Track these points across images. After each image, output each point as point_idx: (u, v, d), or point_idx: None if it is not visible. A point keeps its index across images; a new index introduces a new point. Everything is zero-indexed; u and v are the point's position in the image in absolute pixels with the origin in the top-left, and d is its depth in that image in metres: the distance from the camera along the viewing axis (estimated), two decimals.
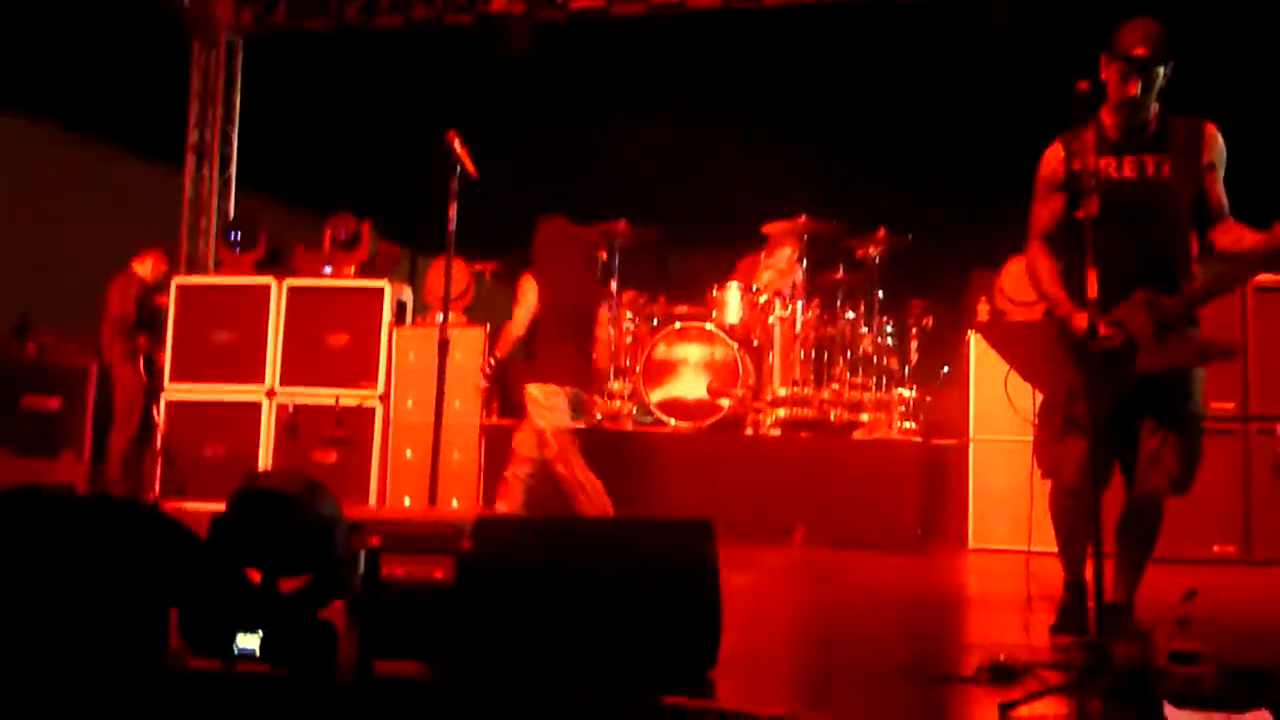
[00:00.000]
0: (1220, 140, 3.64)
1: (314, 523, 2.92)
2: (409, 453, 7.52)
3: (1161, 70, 3.57)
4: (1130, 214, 3.49)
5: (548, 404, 5.82)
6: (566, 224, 6.17)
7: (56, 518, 3.00)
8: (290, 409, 7.62)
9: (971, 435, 6.86)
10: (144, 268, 8.26)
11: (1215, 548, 6.25)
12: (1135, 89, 3.53)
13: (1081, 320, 3.32)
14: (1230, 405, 6.35)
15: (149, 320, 8.04)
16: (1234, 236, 3.54)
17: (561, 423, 5.84)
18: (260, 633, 2.80)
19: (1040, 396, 3.85)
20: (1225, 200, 3.62)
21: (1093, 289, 3.22)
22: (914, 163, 9.90)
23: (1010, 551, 6.28)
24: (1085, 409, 3.34)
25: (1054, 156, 3.71)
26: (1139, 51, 3.52)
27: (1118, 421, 3.47)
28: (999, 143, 4.10)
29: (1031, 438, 3.82)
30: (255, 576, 2.90)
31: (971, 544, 6.72)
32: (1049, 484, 3.76)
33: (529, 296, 5.90)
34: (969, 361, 6.94)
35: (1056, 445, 3.63)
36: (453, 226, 5.33)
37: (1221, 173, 3.64)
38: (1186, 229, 3.62)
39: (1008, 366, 3.79)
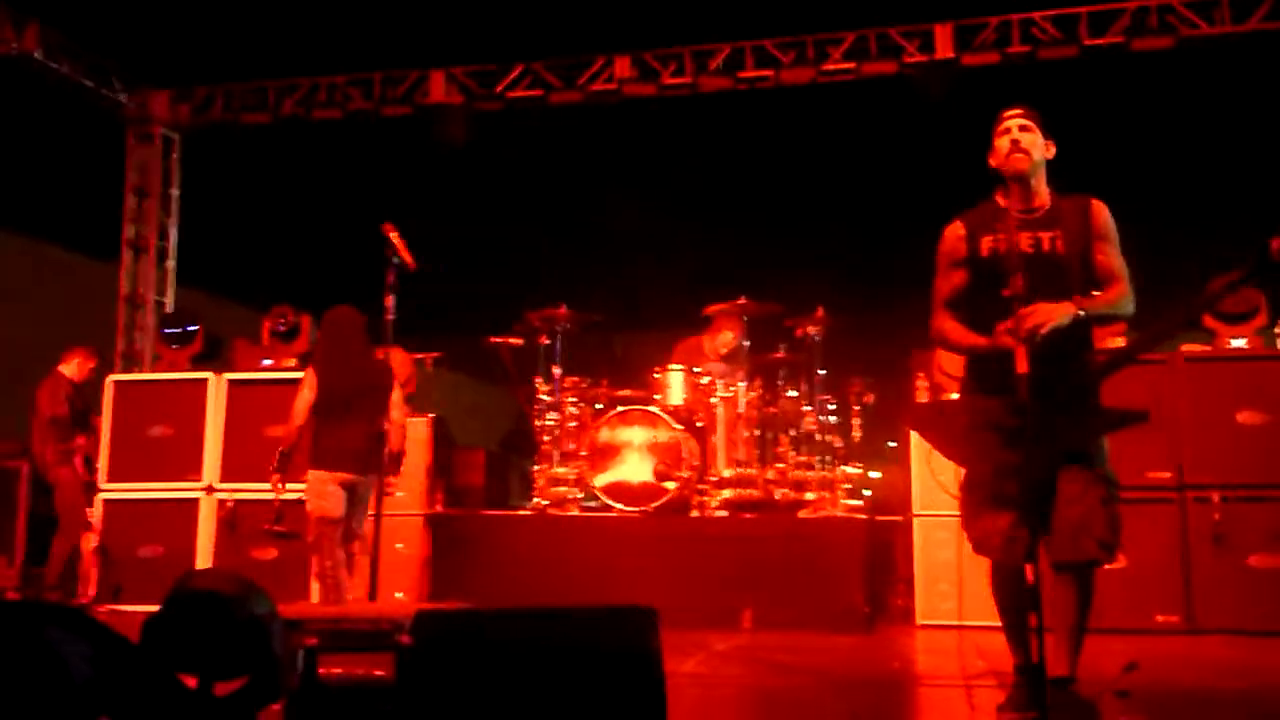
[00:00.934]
0: (1106, 214, 3.80)
1: (249, 623, 2.85)
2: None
3: (1041, 144, 3.78)
4: (1031, 287, 3.59)
5: (318, 490, 5.92)
6: (348, 313, 6.25)
7: None
8: (229, 505, 7.50)
9: (915, 511, 6.89)
10: (70, 368, 8.07)
11: (1158, 617, 6.29)
12: (1022, 164, 3.72)
13: (1008, 339, 3.47)
14: (1166, 475, 6.45)
15: (82, 419, 7.88)
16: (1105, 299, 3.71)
17: (328, 511, 5.91)
18: None
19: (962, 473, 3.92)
20: (1114, 267, 3.75)
21: (1022, 363, 3.34)
22: (851, 242, 10.10)
23: (957, 627, 6.30)
24: (1011, 485, 3.43)
25: (954, 234, 3.89)
26: (1017, 120, 3.77)
27: (1033, 496, 3.52)
28: (935, 220, 4.18)
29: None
30: (190, 681, 2.82)
31: (919, 620, 6.72)
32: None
33: (306, 387, 6.03)
34: (910, 438, 6.99)
35: (981, 521, 3.70)
36: (391, 317, 5.33)
37: (1111, 244, 3.78)
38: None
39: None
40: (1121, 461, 5.89)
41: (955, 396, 6.73)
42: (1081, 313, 3.58)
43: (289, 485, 6.79)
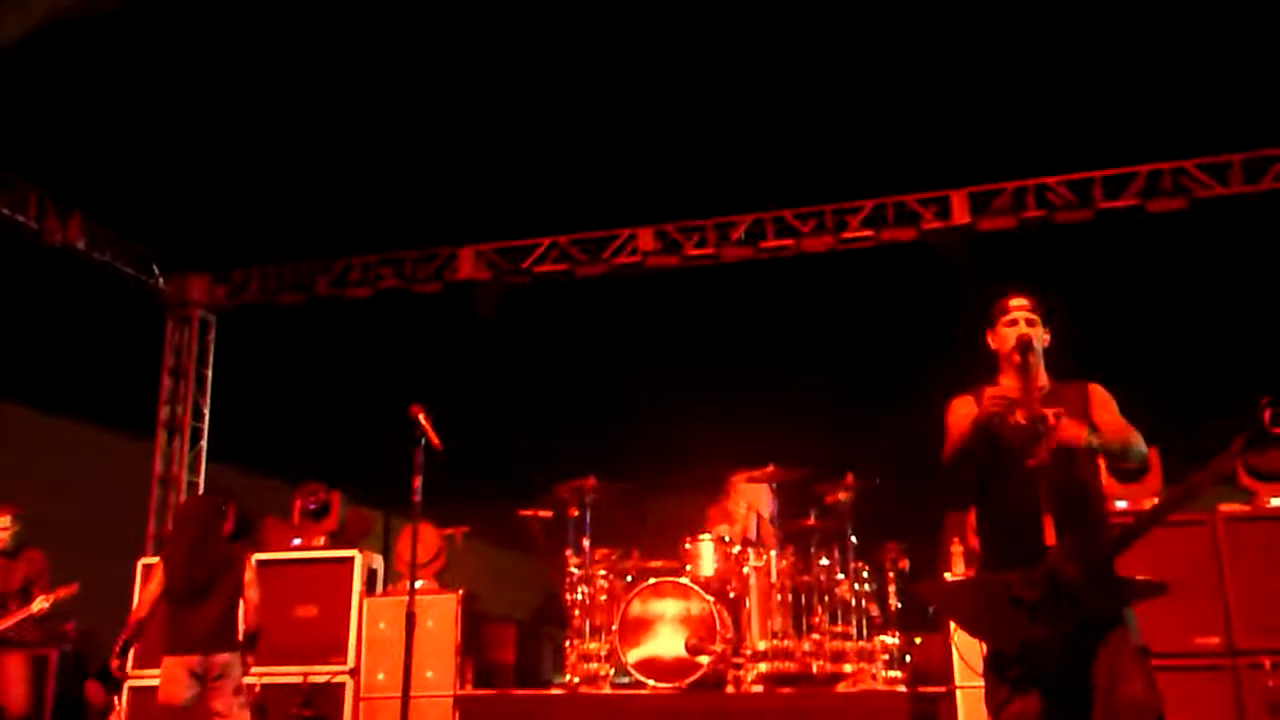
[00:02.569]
0: (1103, 390, 3.96)
1: None
2: None
3: (1042, 334, 3.98)
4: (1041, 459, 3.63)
5: (167, 676, 6.02)
6: (199, 503, 6.78)
7: None
8: (256, 689, 7.36)
9: (957, 682, 6.69)
10: None
11: None
12: (1023, 357, 3.87)
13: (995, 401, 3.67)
14: (1215, 640, 6.25)
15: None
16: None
17: (173, 697, 5.99)
18: None
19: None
20: (1117, 421, 3.87)
21: (1050, 535, 3.39)
22: (878, 406, 10.09)
23: None
24: (1039, 661, 3.41)
25: (963, 402, 4.02)
26: (1024, 312, 3.99)
27: (1066, 672, 3.46)
28: (961, 382, 4.23)
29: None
30: None
31: None
32: None
33: (152, 580, 6.20)
34: None
35: (1010, 702, 3.65)
36: (418, 498, 5.34)
37: (1111, 409, 3.91)
38: (1094, 474, 3.85)
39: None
40: (1167, 627, 5.76)
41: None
42: (1094, 440, 3.68)
43: (320, 668, 6.77)
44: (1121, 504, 6.51)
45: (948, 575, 7.13)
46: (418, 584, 6.38)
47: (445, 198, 8.91)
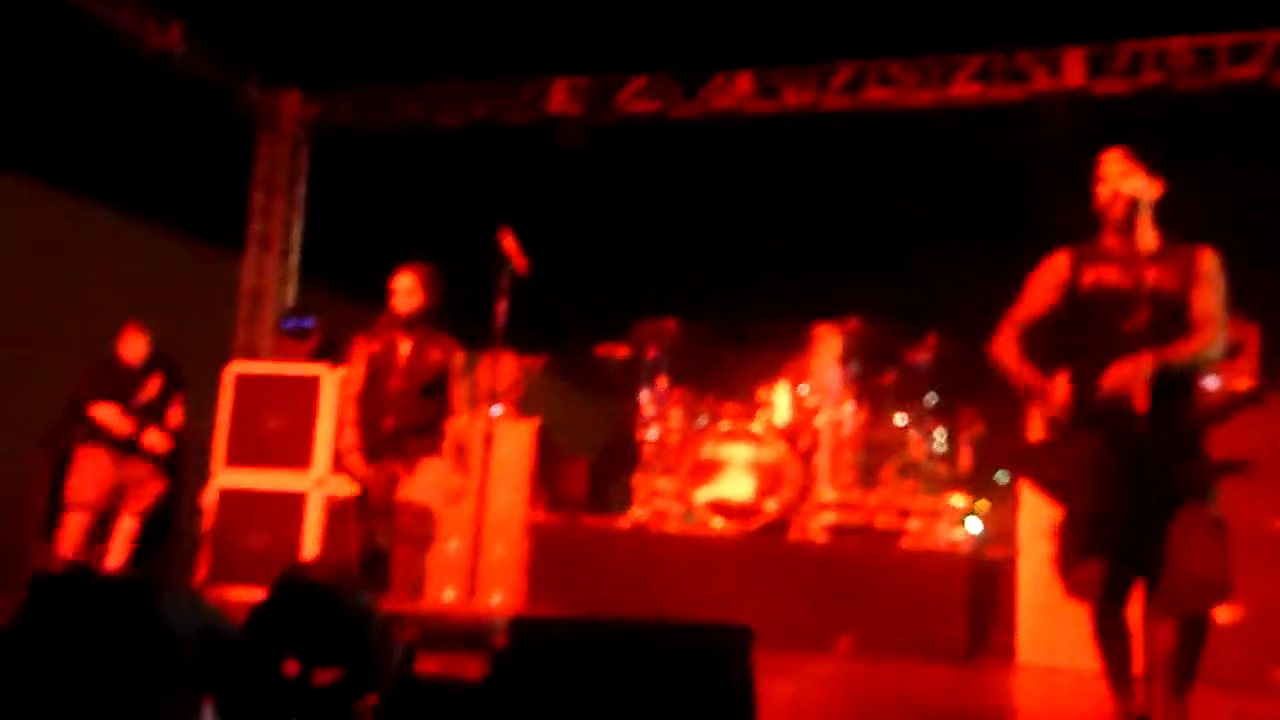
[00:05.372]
0: (1212, 259, 3.76)
1: (351, 616, 2.92)
2: (453, 544, 7.50)
3: (1143, 186, 3.76)
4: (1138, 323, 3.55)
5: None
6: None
7: (103, 601, 3.02)
8: (338, 498, 7.64)
9: (1021, 547, 6.72)
10: None
11: (1276, 674, 6.02)
12: (1123, 210, 3.74)
13: (1057, 391, 3.64)
14: None
15: None
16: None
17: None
18: None
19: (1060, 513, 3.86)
20: (1208, 310, 3.69)
21: (1141, 401, 3.32)
22: (967, 269, 9.93)
23: (1059, 669, 6.13)
24: (1113, 528, 3.39)
25: (1060, 260, 3.91)
26: (1117, 164, 3.80)
27: (1139, 540, 3.45)
28: (1055, 249, 4.14)
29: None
30: (291, 668, 2.89)
31: (1020, 658, 6.55)
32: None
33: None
34: None
35: (1079, 566, 3.65)
36: (502, 322, 5.39)
37: (1211, 288, 3.72)
38: None
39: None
40: (1241, 505, 5.69)
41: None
42: (1162, 364, 3.52)
43: None
44: (1214, 382, 6.38)
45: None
46: (495, 410, 6.50)
47: (540, 28, 8.75)
